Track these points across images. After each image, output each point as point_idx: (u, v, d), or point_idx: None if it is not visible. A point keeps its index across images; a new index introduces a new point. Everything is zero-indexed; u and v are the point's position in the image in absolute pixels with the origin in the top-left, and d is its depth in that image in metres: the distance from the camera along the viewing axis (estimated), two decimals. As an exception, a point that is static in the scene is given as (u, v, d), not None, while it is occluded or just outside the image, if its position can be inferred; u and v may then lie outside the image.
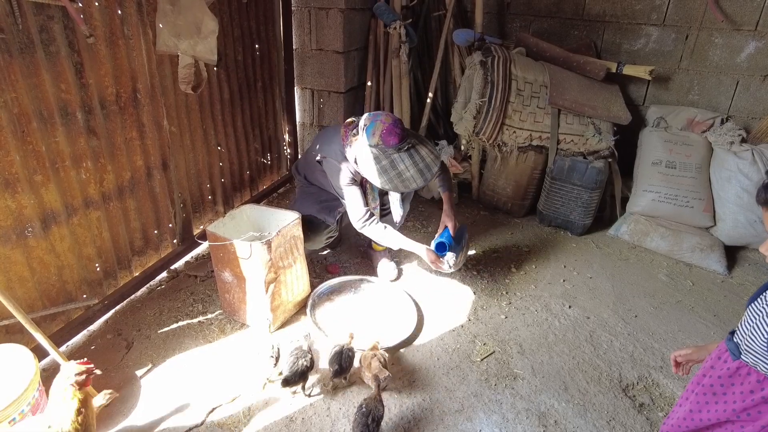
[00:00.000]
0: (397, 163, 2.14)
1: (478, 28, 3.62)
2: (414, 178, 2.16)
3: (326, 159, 2.39)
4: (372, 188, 2.44)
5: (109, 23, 2.13)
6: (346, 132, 2.32)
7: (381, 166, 2.15)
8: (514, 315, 2.54)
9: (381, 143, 2.12)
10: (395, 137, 2.11)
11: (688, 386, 1.46)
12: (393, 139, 2.11)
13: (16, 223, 1.89)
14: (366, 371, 1.97)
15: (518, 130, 3.30)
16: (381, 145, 2.13)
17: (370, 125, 2.15)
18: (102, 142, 2.19)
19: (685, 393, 1.47)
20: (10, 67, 1.78)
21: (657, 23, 3.56)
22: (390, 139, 2.11)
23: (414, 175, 2.16)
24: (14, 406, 1.51)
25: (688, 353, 1.52)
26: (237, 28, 2.97)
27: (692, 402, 1.40)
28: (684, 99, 3.67)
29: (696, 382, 1.41)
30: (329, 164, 2.39)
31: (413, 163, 2.15)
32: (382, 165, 2.15)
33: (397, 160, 2.14)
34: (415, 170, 2.16)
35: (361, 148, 2.20)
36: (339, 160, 2.34)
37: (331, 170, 2.39)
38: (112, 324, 2.35)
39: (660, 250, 3.16)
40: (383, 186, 2.20)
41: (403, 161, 2.14)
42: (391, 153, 2.13)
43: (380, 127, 2.12)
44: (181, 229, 2.78)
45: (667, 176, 3.27)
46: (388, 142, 2.11)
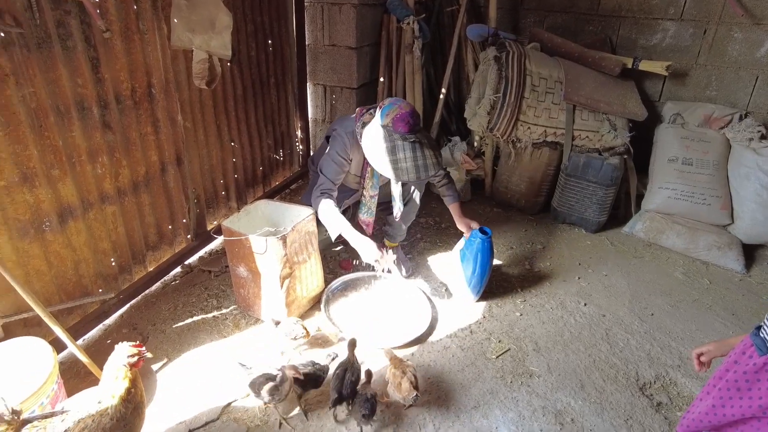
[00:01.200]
0: (397, 150, 2.13)
1: (492, 24, 3.59)
2: (408, 171, 2.15)
3: (335, 131, 2.41)
4: (372, 175, 2.42)
5: (125, 18, 2.14)
6: (361, 110, 2.34)
7: (382, 147, 2.14)
8: (528, 312, 2.52)
9: (390, 126, 2.12)
10: (405, 126, 2.10)
11: (710, 381, 1.43)
12: (402, 127, 2.10)
13: (34, 217, 1.90)
14: (396, 391, 1.84)
15: (533, 126, 3.27)
16: (390, 127, 2.13)
17: (387, 106, 2.15)
18: (117, 137, 2.20)
19: (706, 387, 1.44)
20: (29, 62, 1.78)
21: (674, 18, 3.50)
22: (399, 125, 2.10)
23: (409, 168, 2.14)
24: (34, 398, 1.52)
25: (710, 349, 1.49)
26: (250, 24, 2.96)
27: (715, 397, 1.37)
28: (701, 95, 3.62)
29: (718, 377, 1.39)
30: (334, 135, 2.40)
31: (413, 156, 2.14)
32: (383, 146, 2.14)
33: (399, 147, 2.13)
34: (413, 164, 2.14)
35: (371, 125, 2.21)
36: (346, 132, 2.35)
37: (332, 140, 2.40)
38: (127, 318, 2.36)
39: (676, 248, 3.12)
40: (376, 166, 2.20)
41: (404, 151, 2.13)
42: (396, 138, 2.13)
43: (396, 111, 2.12)
44: (194, 225, 2.79)
45: (683, 173, 3.23)
46: (397, 127, 2.11)
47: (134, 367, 1.41)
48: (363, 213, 2.53)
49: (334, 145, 2.38)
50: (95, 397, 1.38)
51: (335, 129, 2.43)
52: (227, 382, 2.01)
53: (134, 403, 1.41)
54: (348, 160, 2.38)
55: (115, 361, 1.41)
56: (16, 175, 1.81)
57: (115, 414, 1.36)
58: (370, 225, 2.56)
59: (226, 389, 1.98)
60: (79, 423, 1.31)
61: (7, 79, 1.73)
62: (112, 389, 1.38)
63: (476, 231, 2.41)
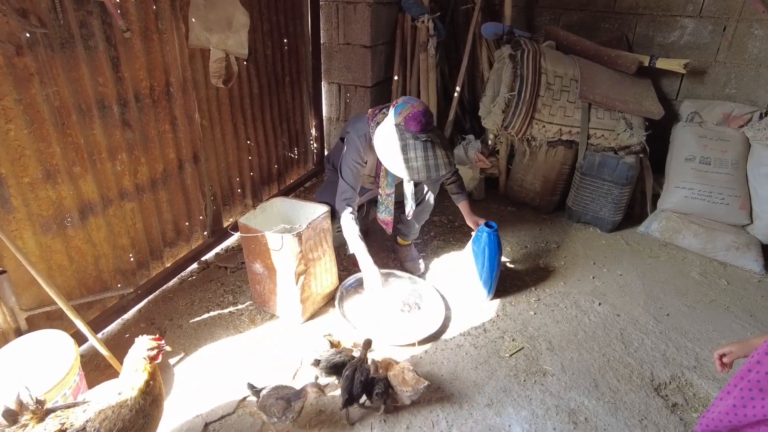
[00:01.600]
0: (408, 149, 2.12)
1: (507, 21, 3.58)
2: (418, 170, 2.13)
3: (348, 134, 2.41)
4: (387, 174, 2.43)
5: (144, 18, 2.17)
6: (373, 111, 2.34)
7: (393, 146, 2.14)
8: (542, 311, 2.51)
9: (402, 124, 2.12)
10: (417, 125, 2.10)
11: (731, 380, 1.42)
12: (414, 125, 2.10)
13: (56, 213, 1.94)
14: (404, 387, 1.83)
15: (548, 125, 3.25)
16: (402, 126, 2.12)
17: (401, 105, 2.15)
18: (136, 135, 2.24)
19: (727, 387, 1.43)
20: (52, 62, 1.83)
21: (693, 15, 3.46)
22: (411, 124, 2.10)
23: (419, 168, 2.13)
24: (57, 390, 1.57)
25: (732, 350, 1.48)
26: (266, 23, 2.99)
27: (736, 397, 1.36)
28: (720, 93, 3.57)
29: (740, 376, 1.37)
30: (348, 139, 2.40)
31: (424, 156, 2.13)
32: (394, 144, 2.14)
33: (410, 146, 2.12)
34: (423, 164, 2.13)
35: (384, 123, 2.21)
36: (359, 135, 2.34)
37: (347, 144, 2.40)
38: (145, 313, 2.41)
39: (692, 248, 3.08)
40: (387, 165, 2.19)
41: (415, 150, 2.12)
42: (407, 137, 2.12)
43: (408, 110, 2.12)
44: (211, 222, 2.83)
45: (700, 172, 3.19)
46: (409, 126, 2.10)
47: (153, 360, 1.44)
48: (381, 212, 2.54)
49: (348, 150, 2.38)
50: (116, 389, 1.42)
51: (348, 131, 2.43)
52: (243, 377, 2.03)
53: (153, 396, 1.45)
54: (363, 163, 2.38)
55: (135, 353, 1.44)
56: (39, 172, 1.85)
57: (134, 405, 1.39)
58: (390, 224, 2.57)
59: (242, 384, 2.00)
60: (99, 414, 1.34)
61: (32, 78, 1.77)
62: (132, 381, 1.42)
63: (482, 226, 2.42)
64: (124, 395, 1.40)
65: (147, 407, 1.43)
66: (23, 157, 1.79)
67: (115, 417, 1.35)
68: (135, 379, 1.42)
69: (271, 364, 2.12)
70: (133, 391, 1.41)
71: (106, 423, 1.31)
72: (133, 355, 1.44)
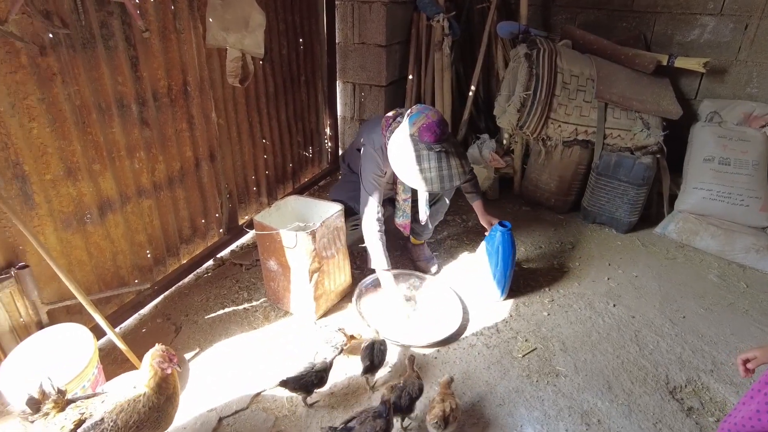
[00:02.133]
0: (422, 159, 2.10)
1: (523, 21, 3.56)
2: (432, 182, 2.11)
3: (365, 147, 2.40)
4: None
5: (163, 18, 2.21)
6: (387, 121, 2.32)
7: (407, 156, 2.12)
8: (556, 312, 2.50)
9: (417, 135, 2.10)
10: (432, 135, 2.07)
11: (754, 385, 1.40)
12: (429, 136, 2.07)
13: (76, 209, 1.99)
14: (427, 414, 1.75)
15: (563, 124, 3.23)
16: (416, 136, 2.10)
17: (415, 114, 2.13)
18: (154, 133, 2.28)
19: (750, 392, 1.40)
20: (74, 61, 1.87)
21: (713, 13, 3.40)
22: (426, 135, 2.07)
23: (433, 179, 2.11)
24: (76, 381, 1.61)
25: (757, 356, 1.44)
26: (282, 23, 3.02)
27: (760, 402, 1.34)
28: (741, 92, 3.50)
29: (764, 381, 1.35)
30: (365, 152, 2.40)
31: (438, 167, 2.10)
32: (408, 156, 2.11)
33: (424, 157, 2.09)
34: (437, 175, 2.10)
35: (398, 133, 2.19)
36: (375, 149, 2.34)
37: (365, 159, 2.39)
38: (161, 309, 2.45)
39: (710, 250, 3.03)
40: (400, 176, 2.17)
41: (430, 161, 2.10)
42: (421, 148, 2.09)
43: (423, 120, 2.10)
44: (227, 219, 2.86)
45: (719, 173, 3.14)
46: (423, 136, 2.08)
47: (163, 371, 1.47)
48: (398, 217, 2.54)
49: (367, 164, 2.36)
50: (132, 382, 1.45)
51: (364, 144, 2.40)
52: (257, 373, 2.06)
53: (166, 395, 1.47)
54: (383, 174, 2.37)
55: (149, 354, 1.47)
56: (61, 169, 1.90)
57: (148, 402, 1.43)
58: (407, 227, 2.57)
59: (256, 379, 2.03)
60: (116, 406, 1.38)
61: (54, 78, 1.81)
62: (146, 380, 1.45)
63: (496, 225, 2.41)
64: (139, 390, 1.43)
65: (161, 405, 1.46)
66: (45, 154, 1.84)
67: (131, 410, 1.38)
68: (149, 379, 1.45)
69: (284, 360, 2.14)
70: (147, 388, 1.44)
71: (122, 415, 1.35)
72: (149, 355, 1.47)
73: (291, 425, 1.85)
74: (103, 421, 1.31)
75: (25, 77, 1.73)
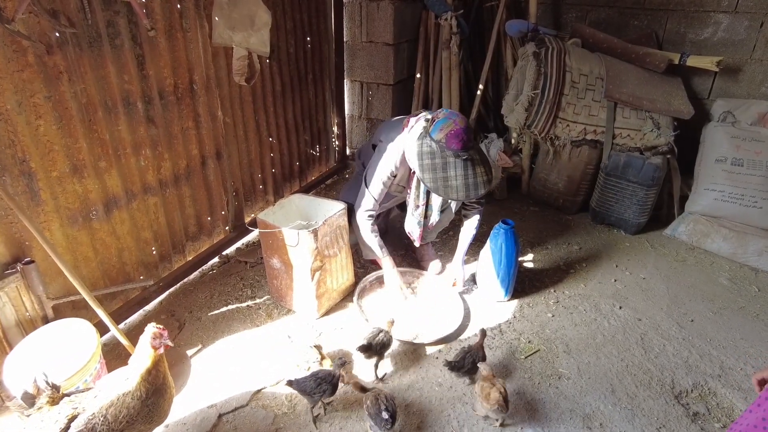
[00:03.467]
0: (449, 167, 2.08)
1: (532, 19, 3.52)
2: (457, 189, 2.09)
3: (381, 143, 2.39)
4: (419, 184, 2.38)
5: (169, 17, 2.23)
6: (408, 121, 2.30)
7: (433, 163, 2.09)
8: (561, 314, 2.47)
9: (444, 141, 2.06)
10: (459, 142, 2.05)
11: (762, 393, 1.37)
12: (456, 144, 2.05)
13: (82, 206, 2.01)
14: (484, 402, 1.78)
15: (572, 124, 3.19)
16: (443, 143, 2.07)
17: (442, 120, 2.09)
18: (160, 131, 2.30)
19: (758, 399, 1.37)
20: (81, 60, 1.89)
21: (728, 10, 3.33)
22: (453, 142, 2.05)
23: (459, 186, 2.09)
24: (78, 376, 1.63)
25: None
26: (289, 21, 3.02)
27: (766, 410, 1.31)
28: (756, 92, 3.43)
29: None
30: (381, 149, 2.38)
31: (464, 174, 2.08)
32: (434, 162, 2.08)
33: (451, 164, 2.08)
34: (463, 183, 2.09)
35: (423, 138, 2.13)
36: (396, 149, 2.30)
37: (378, 154, 2.38)
38: (166, 305, 2.47)
39: (721, 253, 2.98)
40: (423, 180, 2.13)
41: (456, 169, 2.08)
42: (448, 155, 2.07)
43: (450, 127, 2.06)
44: (233, 217, 2.88)
45: (732, 174, 3.08)
46: (450, 144, 2.05)
47: (156, 350, 1.47)
48: (410, 224, 2.51)
49: (382, 162, 2.33)
50: (124, 375, 1.46)
51: (382, 141, 2.38)
52: (258, 370, 2.07)
53: (156, 386, 1.47)
54: (393, 176, 2.35)
55: (144, 340, 1.48)
56: (67, 167, 1.92)
57: (136, 394, 1.43)
58: (419, 236, 2.53)
59: (257, 376, 2.04)
60: (106, 401, 1.39)
61: (61, 76, 1.84)
62: (138, 368, 1.46)
63: (500, 223, 2.40)
64: (129, 384, 1.44)
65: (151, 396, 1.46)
66: (52, 151, 1.86)
67: (120, 404, 1.39)
68: (139, 367, 1.45)
69: (286, 358, 2.14)
70: (136, 379, 1.45)
71: (111, 410, 1.36)
72: (141, 342, 1.47)
73: (290, 423, 1.85)
74: (94, 416, 1.32)
75: (32, 75, 1.75)
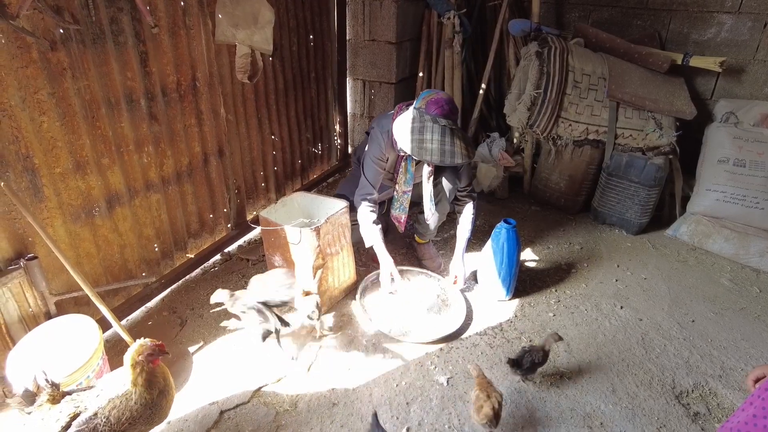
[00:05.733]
0: (426, 130, 2.13)
1: (535, 18, 3.52)
2: (432, 152, 2.12)
3: (373, 129, 2.43)
4: (406, 170, 2.42)
5: (172, 14, 2.23)
6: (400, 107, 2.36)
7: (411, 126, 2.16)
8: (562, 313, 2.48)
9: (423, 108, 2.15)
10: (438, 109, 2.12)
11: (754, 392, 1.37)
12: (435, 109, 2.12)
13: (85, 202, 2.02)
14: (474, 414, 1.75)
15: (574, 123, 3.19)
16: (423, 109, 2.15)
17: (426, 92, 2.20)
18: (163, 128, 2.30)
19: (750, 398, 1.37)
20: (84, 57, 1.90)
21: (731, 11, 3.33)
22: (432, 107, 2.13)
23: (434, 150, 2.11)
24: (81, 371, 1.64)
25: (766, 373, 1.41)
26: (292, 19, 3.03)
27: (757, 407, 1.31)
28: (759, 92, 3.43)
29: (765, 387, 1.32)
30: (372, 134, 2.43)
31: (441, 140, 2.11)
32: (413, 125, 2.16)
33: (428, 128, 2.13)
34: (439, 147, 2.11)
35: (408, 110, 2.24)
36: (382, 132, 2.36)
37: (370, 141, 2.43)
38: (167, 302, 2.48)
39: (723, 253, 2.98)
40: (401, 143, 2.20)
41: (433, 133, 2.12)
42: (426, 119, 2.13)
43: (432, 96, 2.16)
44: (235, 215, 2.88)
45: (734, 175, 3.07)
46: (430, 108, 2.13)
47: (151, 364, 1.46)
48: (395, 209, 2.55)
49: (371, 146, 2.41)
50: (121, 379, 1.46)
51: (373, 127, 2.45)
52: (259, 367, 2.08)
53: (159, 389, 1.48)
54: (385, 160, 2.40)
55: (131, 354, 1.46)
56: (70, 163, 1.93)
57: (140, 399, 1.43)
58: (403, 222, 2.57)
59: (258, 374, 2.05)
60: (109, 402, 1.39)
61: (64, 73, 1.84)
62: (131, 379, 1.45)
63: (501, 222, 2.41)
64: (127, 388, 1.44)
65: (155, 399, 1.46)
66: (55, 148, 1.87)
67: (123, 407, 1.39)
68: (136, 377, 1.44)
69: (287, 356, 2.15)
70: (135, 386, 1.44)
71: (114, 412, 1.36)
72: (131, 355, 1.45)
73: (291, 420, 1.86)
74: (96, 416, 1.32)
75: (36, 72, 1.76)
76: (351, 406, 1.92)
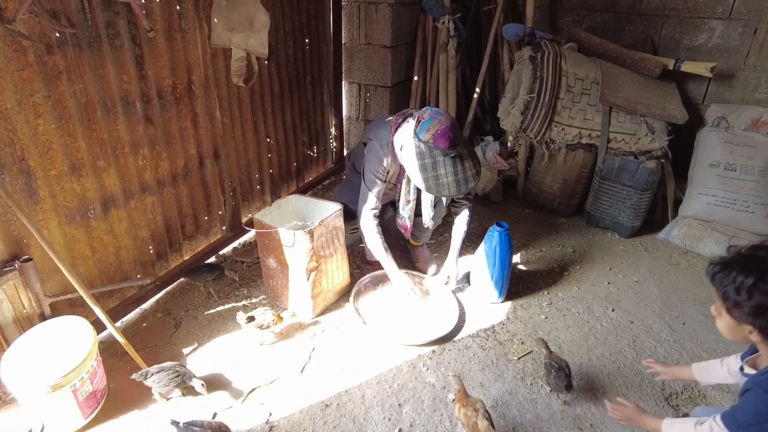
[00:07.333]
0: (438, 166, 2.12)
1: (529, 23, 3.55)
2: (449, 186, 2.14)
3: (371, 142, 2.41)
4: (409, 181, 2.43)
5: (168, 18, 2.25)
6: (397, 120, 2.33)
7: (423, 163, 2.13)
8: (554, 315, 2.50)
9: (431, 142, 2.10)
10: (446, 141, 2.08)
11: None
12: (443, 143, 2.08)
13: (80, 204, 2.03)
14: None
15: (567, 128, 3.22)
16: (431, 143, 2.10)
17: (428, 120, 2.12)
18: (158, 131, 2.32)
19: None
20: (80, 60, 1.91)
21: (722, 17, 3.37)
22: (441, 142, 2.08)
23: (450, 183, 2.14)
24: (75, 372, 1.65)
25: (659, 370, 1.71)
26: (288, 23, 3.05)
27: None
28: (749, 97, 3.47)
29: None
30: (370, 147, 2.40)
31: (454, 171, 2.13)
32: (424, 162, 2.13)
33: (440, 163, 2.12)
34: (453, 179, 2.13)
35: (412, 139, 2.17)
36: (381, 145, 2.34)
37: (369, 153, 2.40)
38: (162, 303, 2.49)
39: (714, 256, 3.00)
40: (417, 182, 2.20)
41: (445, 167, 2.12)
42: (436, 154, 2.11)
43: (436, 127, 2.09)
44: (230, 217, 2.90)
45: (725, 179, 3.11)
46: (438, 143, 2.09)
47: None
48: (400, 218, 2.55)
49: (371, 159, 2.37)
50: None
51: (371, 138, 2.42)
52: (253, 369, 2.09)
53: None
54: (386, 173, 2.39)
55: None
56: (65, 165, 1.94)
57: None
58: (409, 229, 2.57)
59: (252, 375, 2.06)
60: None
61: (60, 76, 1.86)
62: None
63: (494, 226, 2.43)
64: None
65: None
66: (51, 150, 1.88)
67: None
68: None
69: (280, 358, 2.17)
70: None
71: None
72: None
73: (284, 421, 1.87)
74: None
75: (32, 75, 1.77)
76: (343, 407, 1.94)
